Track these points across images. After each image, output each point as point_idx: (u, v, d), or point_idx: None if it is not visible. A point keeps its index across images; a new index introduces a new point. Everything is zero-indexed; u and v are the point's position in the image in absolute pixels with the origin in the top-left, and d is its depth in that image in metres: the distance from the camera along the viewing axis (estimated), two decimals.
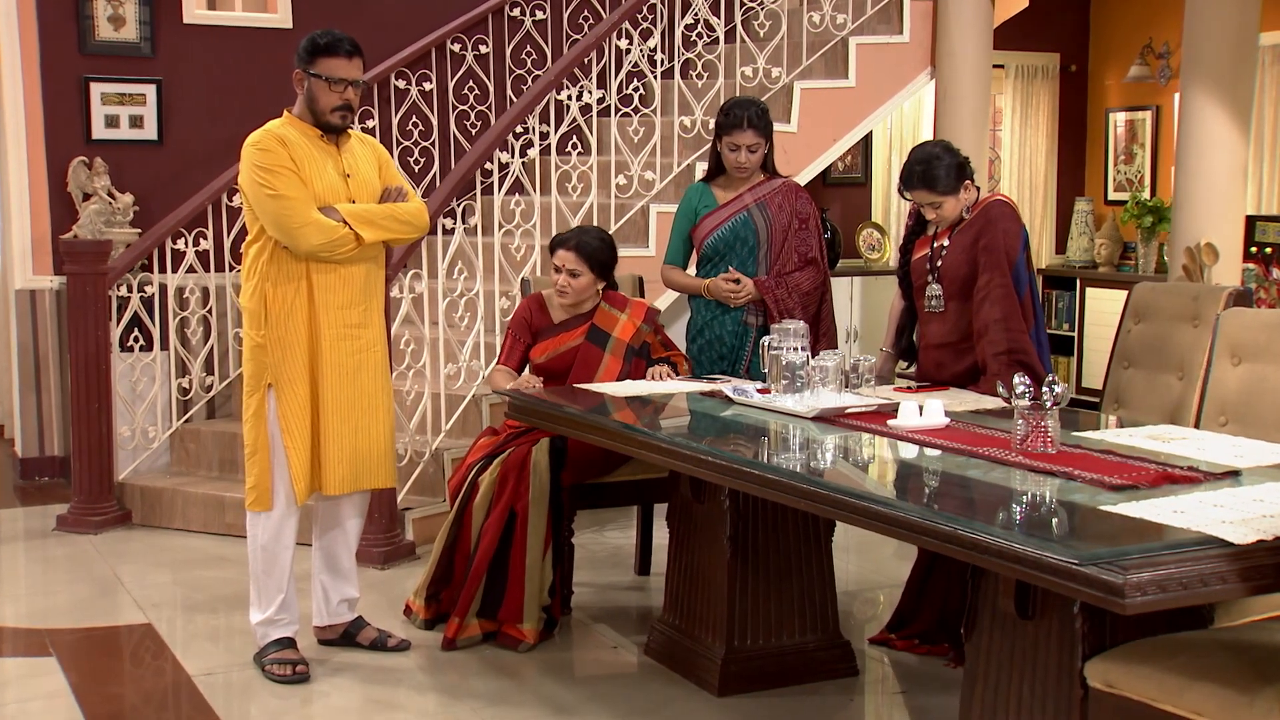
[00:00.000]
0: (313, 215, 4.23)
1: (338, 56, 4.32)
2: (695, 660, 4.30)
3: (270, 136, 4.29)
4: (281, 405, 4.30)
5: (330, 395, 4.35)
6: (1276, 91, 8.15)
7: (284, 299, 4.30)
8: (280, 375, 4.31)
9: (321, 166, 4.31)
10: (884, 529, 3.07)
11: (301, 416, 4.31)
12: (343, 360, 4.36)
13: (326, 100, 4.31)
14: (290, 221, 4.21)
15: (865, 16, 7.18)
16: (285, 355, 4.30)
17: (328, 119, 4.33)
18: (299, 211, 4.21)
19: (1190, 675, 2.75)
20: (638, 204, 6.56)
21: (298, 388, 4.31)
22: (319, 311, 4.32)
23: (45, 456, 7.18)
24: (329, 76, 4.29)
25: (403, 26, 7.47)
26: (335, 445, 4.36)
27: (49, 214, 7.06)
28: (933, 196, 4.40)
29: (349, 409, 4.39)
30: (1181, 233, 6.34)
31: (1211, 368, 4.02)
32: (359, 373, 4.40)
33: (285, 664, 4.37)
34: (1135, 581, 2.48)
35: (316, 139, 4.34)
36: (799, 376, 4.11)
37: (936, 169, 4.37)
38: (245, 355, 4.39)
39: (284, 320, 4.30)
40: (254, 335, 4.33)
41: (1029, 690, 3.10)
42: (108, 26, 7.08)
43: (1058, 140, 9.68)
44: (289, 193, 4.21)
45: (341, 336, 4.35)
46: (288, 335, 4.30)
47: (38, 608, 5.12)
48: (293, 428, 4.30)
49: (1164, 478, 3.10)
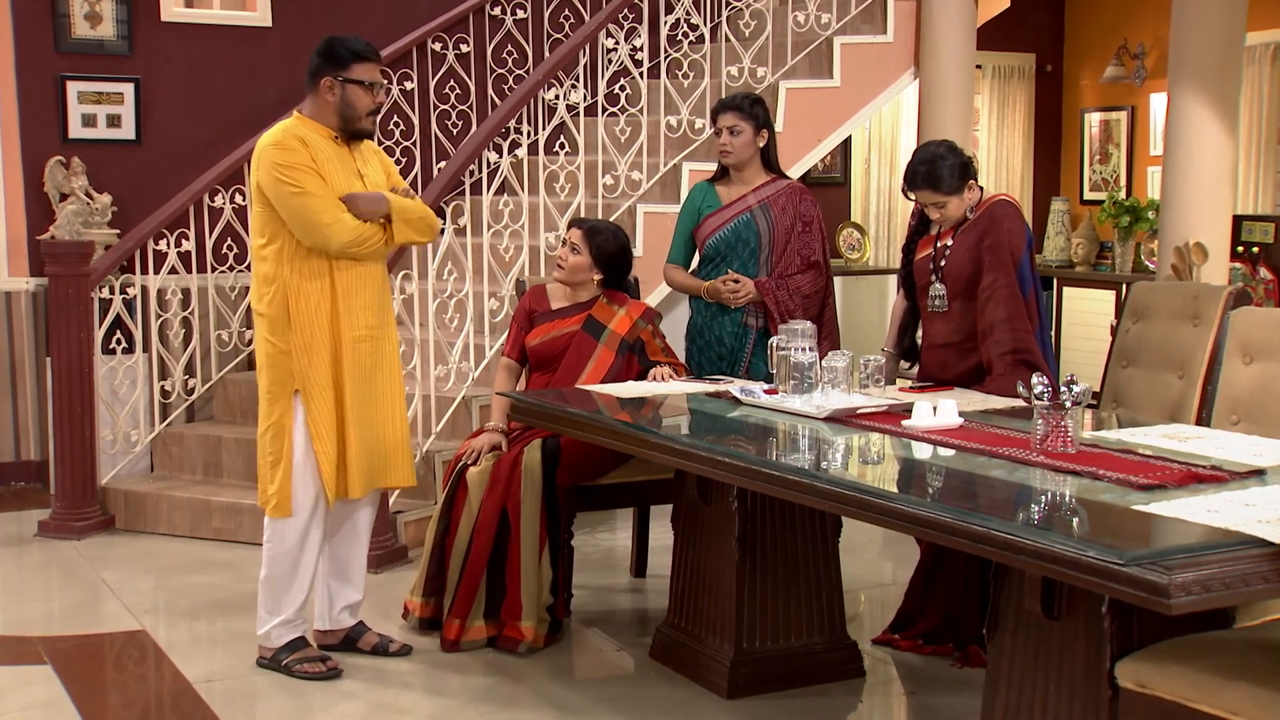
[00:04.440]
0: (340, 212, 4.21)
1: (372, 61, 4.33)
2: (702, 662, 4.27)
3: (290, 136, 4.25)
4: (311, 412, 4.26)
5: (352, 398, 4.31)
6: (1263, 91, 8.22)
7: (308, 301, 4.25)
8: (309, 381, 4.26)
9: (337, 168, 4.28)
10: (914, 530, 3.06)
11: (329, 421, 4.27)
12: (362, 361, 4.33)
13: (363, 105, 4.30)
14: (320, 217, 4.18)
15: (849, 16, 7.17)
16: (313, 360, 4.26)
17: (362, 124, 4.33)
18: (327, 208, 4.19)
19: (1225, 675, 2.75)
20: (624, 204, 6.53)
21: (326, 393, 4.27)
22: (341, 314, 4.28)
23: (21, 461, 7.07)
24: (369, 81, 4.28)
25: (383, 25, 7.40)
26: (357, 448, 4.32)
27: (25, 215, 6.95)
28: (937, 196, 4.39)
29: (370, 410, 4.36)
30: (1169, 232, 6.37)
31: (1221, 366, 4.04)
32: (375, 373, 4.37)
33: (314, 661, 4.35)
34: (1180, 582, 2.48)
35: (330, 140, 4.30)
36: (807, 377, 4.09)
37: (940, 169, 4.36)
38: (264, 362, 4.31)
39: (309, 324, 4.26)
40: (276, 342, 4.26)
41: (1055, 690, 3.09)
42: (84, 24, 6.98)
43: (1033, 140, 9.73)
44: (315, 190, 4.19)
45: (362, 338, 4.32)
46: (314, 340, 4.26)
47: (26, 615, 5.04)
48: (323, 433, 4.26)
49: (1190, 477, 3.10)
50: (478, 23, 7.63)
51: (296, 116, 4.34)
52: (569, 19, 7.79)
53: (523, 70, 7.69)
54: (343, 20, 7.34)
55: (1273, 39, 8.15)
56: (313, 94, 4.32)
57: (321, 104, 4.31)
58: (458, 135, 7.55)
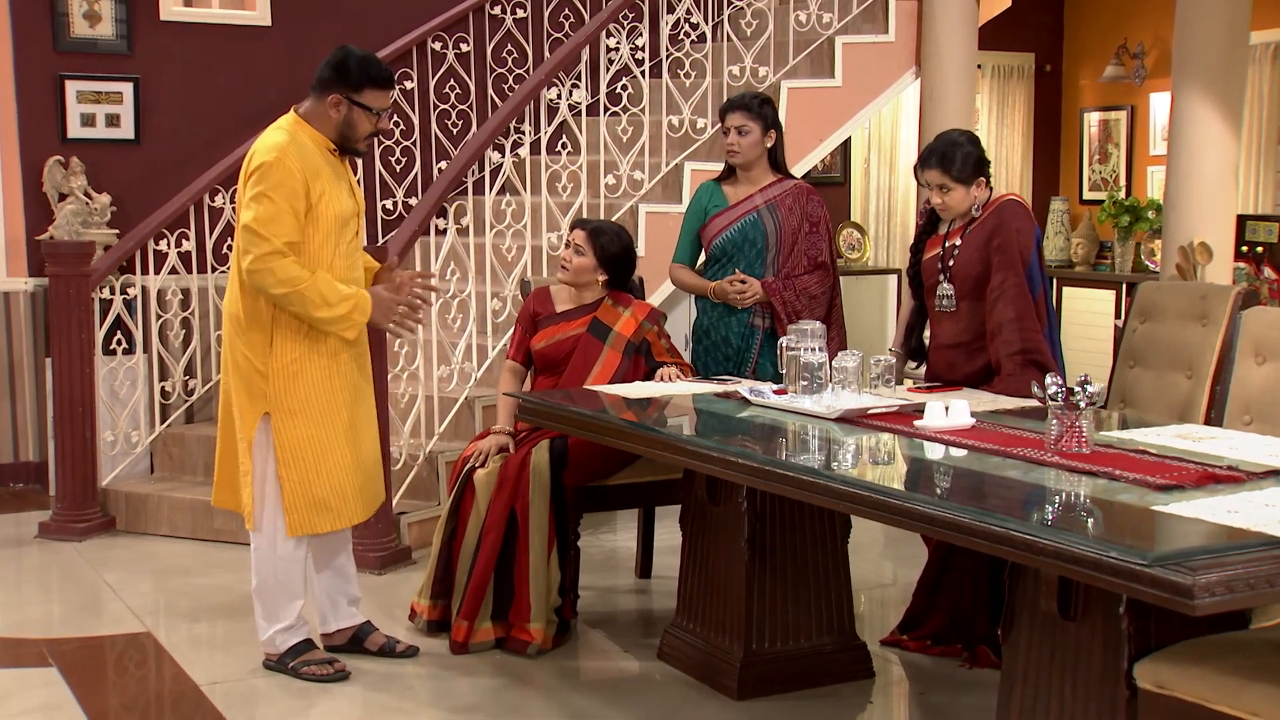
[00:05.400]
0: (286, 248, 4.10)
1: (385, 88, 4.24)
2: (712, 664, 4.25)
3: (289, 155, 4.09)
4: (282, 436, 4.16)
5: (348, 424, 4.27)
6: (1263, 90, 8.22)
7: (290, 325, 4.15)
8: (281, 405, 4.16)
9: (332, 180, 4.20)
10: (932, 530, 3.04)
11: (303, 448, 4.17)
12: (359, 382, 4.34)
13: (364, 129, 4.23)
14: (263, 246, 4.06)
15: (851, 16, 7.17)
16: (288, 385, 4.16)
17: (357, 145, 4.26)
18: (279, 233, 4.09)
19: (1246, 676, 2.73)
20: (626, 204, 6.51)
21: (304, 418, 4.17)
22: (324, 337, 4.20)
23: (20, 462, 7.04)
24: (377, 109, 4.21)
25: (383, 25, 7.38)
26: (365, 469, 4.33)
27: (24, 215, 6.92)
28: (944, 179, 4.37)
29: (367, 430, 4.36)
30: (1173, 232, 6.37)
31: (1234, 366, 4.02)
32: (367, 389, 4.40)
33: (322, 664, 4.32)
34: (1204, 583, 2.46)
35: (325, 150, 4.24)
36: (818, 377, 4.08)
37: (955, 153, 4.37)
38: (237, 373, 4.21)
39: (292, 348, 4.16)
40: (254, 361, 4.17)
41: (1070, 691, 3.08)
42: (83, 23, 6.95)
43: (1033, 140, 9.73)
44: (280, 208, 4.09)
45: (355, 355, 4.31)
46: (293, 363, 4.16)
47: (29, 617, 5.01)
48: (291, 460, 4.17)
49: (1207, 477, 3.09)
50: (477, 22, 7.60)
51: (294, 117, 4.23)
52: (569, 18, 7.77)
53: (523, 70, 7.67)
54: (343, 20, 7.32)
55: (1273, 38, 8.15)
56: (317, 101, 4.21)
57: (322, 115, 4.20)
58: (457, 135, 7.53)
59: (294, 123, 4.23)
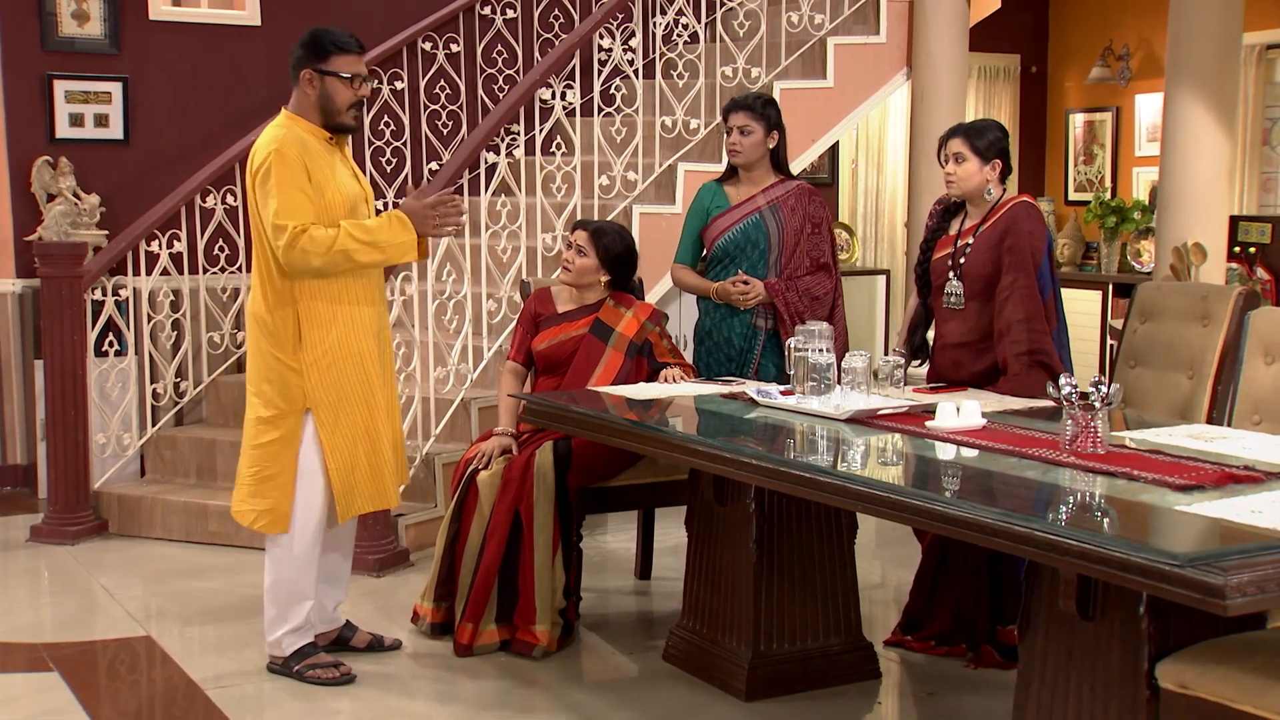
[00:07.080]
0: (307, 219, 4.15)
1: (352, 53, 4.22)
2: (719, 665, 4.25)
3: (289, 145, 4.11)
4: (325, 428, 4.19)
5: (382, 408, 4.29)
6: (1249, 92, 8.27)
7: (319, 318, 4.17)
8: (321, 399, 4.19)
9: (334, 168, 4.21)
10: (951, 530, 3.03)
11: (345, 438, 4.22)
12: (388, 368, 4.33)
13: (344, 98, 4.20)
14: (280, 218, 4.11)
15: (842, 17, 7.18)
16: (323, 378, 4.18)
17: (343, 118, 4.23)
18: (294, 211, 4.12)
19: (1270, 676, 2.74)
20: (621, 205, 6.50)
21: (341, 409, 4.21)
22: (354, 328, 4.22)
23: (8, 465, 6.98)
24: (350, 74, 4.19)
25: (373, 25, 7.33)
26: (392, 456, 4.34)
27: (12, 215, 6.86)
28: (964, 147, 4.40)
29: (392, 413, 4.37)
30: (1167, 232, 6.40)
31: (1241, 366, 4.04)
32: (391, 372, 4.40)
33: (328, 667, 4.30)
34: (1236, 583, 2.46)
35: (324, 140, 4.24)
36: (826, 378, 4.08)
37: (985, 128, 4.47)
38: (267, 375, 4.19)
39: (320, 341, 4.18)
40: (284, 359, 4.17)
41: (1089, 691, 3.08)
42: (71, 23, 6.89)
43: (1019, 141, 9.75)
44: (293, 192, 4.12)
45: (387, 341, 4.30)
46: (325, 357, 4.18)
47: (27, 621, 4.97)
48: (339, 448, 4.21)
49: (1226, 477, 3.10)
50: (468, 22, 7.58)
51: (285, 114, 4.24)
52: (559, 19, 7.76)
53: (513, 70, 7.65)
54: (332, 19, 7.18)
55: (1258, 40, 8.21)
56: (297, 90, 4.24)
57: (303, 98, 4.22)
58: (448, 135, 7.51)
59: (287, 119, 4.25)
